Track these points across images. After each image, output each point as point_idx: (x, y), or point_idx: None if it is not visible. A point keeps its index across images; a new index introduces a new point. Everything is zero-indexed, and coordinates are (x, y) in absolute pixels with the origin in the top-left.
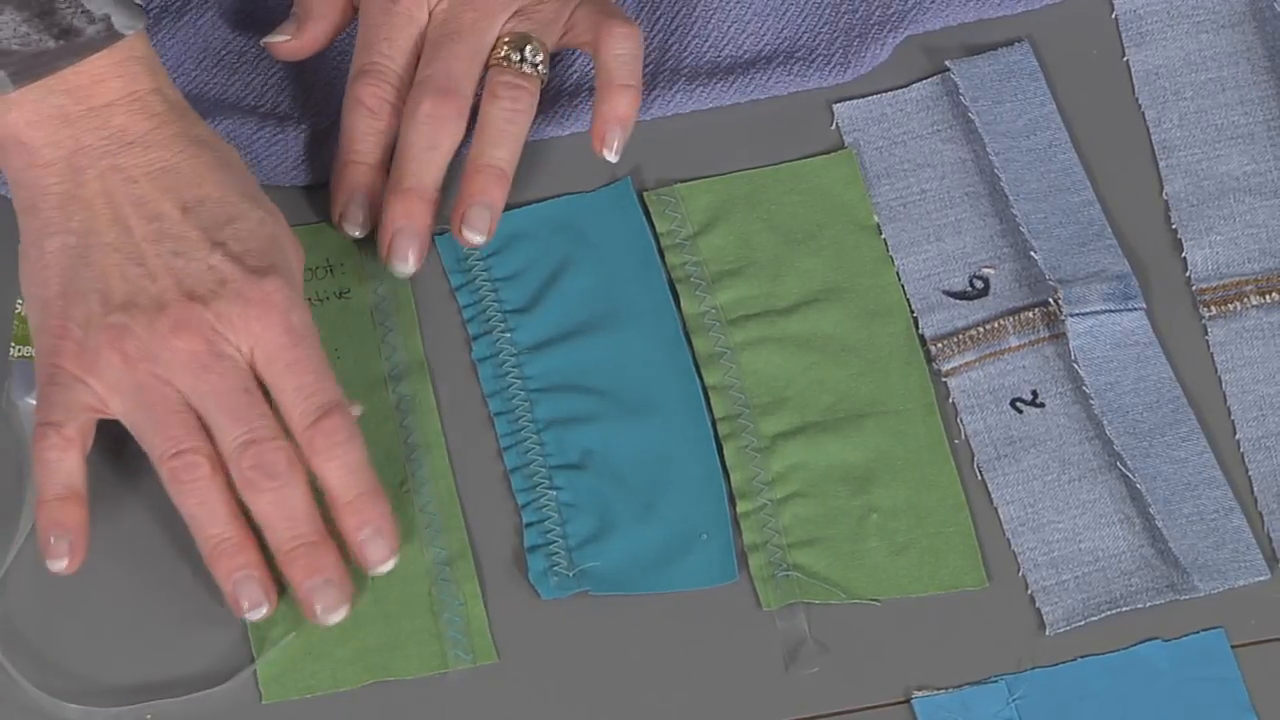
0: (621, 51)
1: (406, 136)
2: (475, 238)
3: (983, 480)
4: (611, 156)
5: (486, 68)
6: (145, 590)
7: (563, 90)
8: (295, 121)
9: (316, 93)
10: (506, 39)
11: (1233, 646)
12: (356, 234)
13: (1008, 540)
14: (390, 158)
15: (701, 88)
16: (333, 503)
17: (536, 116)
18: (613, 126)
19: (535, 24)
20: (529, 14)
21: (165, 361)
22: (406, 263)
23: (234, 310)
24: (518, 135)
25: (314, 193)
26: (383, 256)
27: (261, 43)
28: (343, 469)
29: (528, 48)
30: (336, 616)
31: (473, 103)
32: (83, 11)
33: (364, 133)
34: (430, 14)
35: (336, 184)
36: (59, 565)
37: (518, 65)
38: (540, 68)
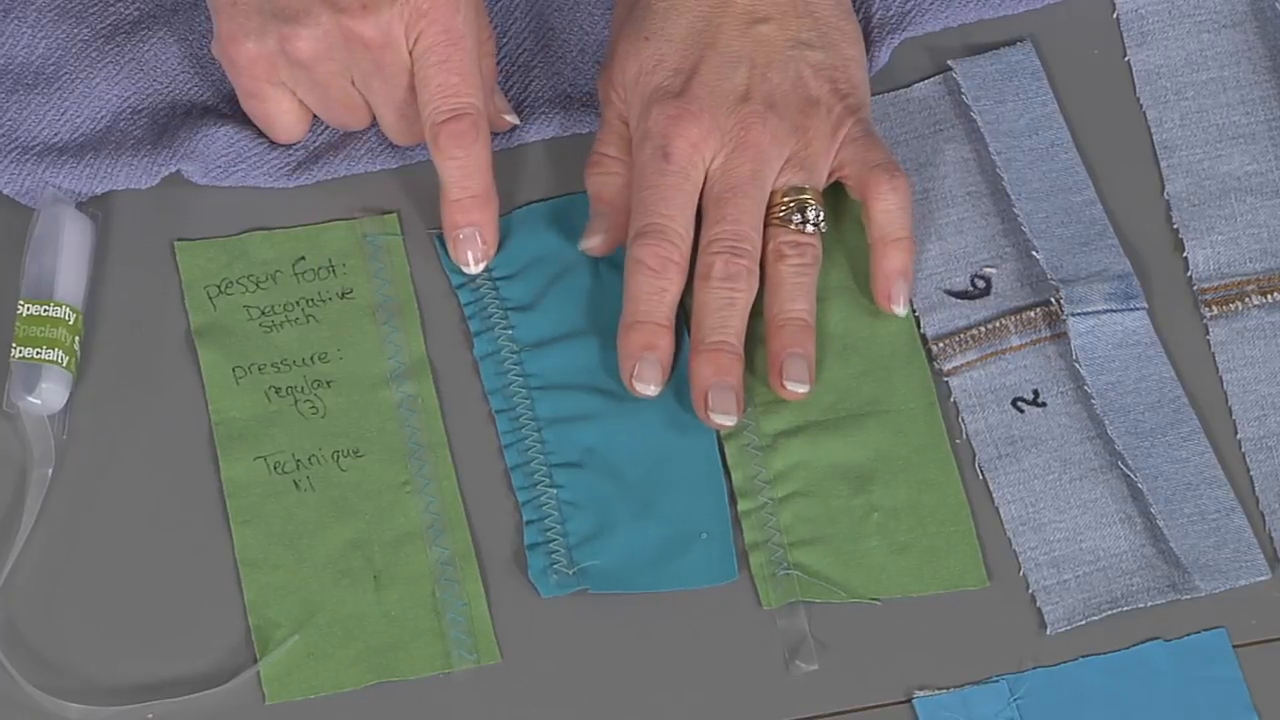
0: (889, 206)
1: (703, 298)
2: (799, 388)
3: (984, 480)
4: (900, 310)
5: (767, 223)
6: (147, 590)
7: (564, 91)
8: None
9: None
10: (785, 195)
11: (1234, 646)
12: (651, 393)
13: (1009, 540)
14: (674, 316)
15: None
16: (443, 198)
17: (537, 117)
18: (896, 281)
19: (807, 170)
20: (800, 161)
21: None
22: (730, 417)
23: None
24: (811, 287)
25: (315, 193)
26: (700, 414)
27: (581, 249)
28: (459, 169)
29: (809, 209)
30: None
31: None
32: None
33: (648, 292)
34: (706, 171)
35: (624, 345)
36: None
37: (800, 227)
38: (821, 226)
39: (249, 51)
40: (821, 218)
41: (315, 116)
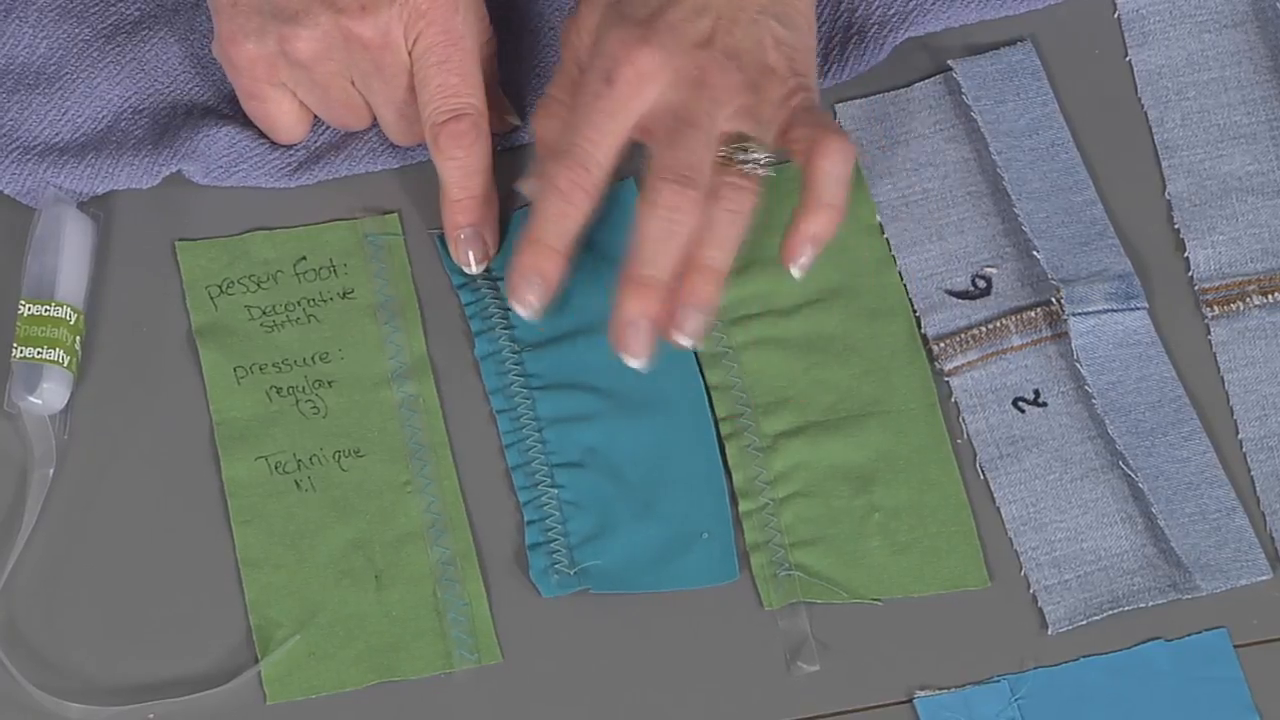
0: (833, 170)
1: (646, 226)
2: (684, 342)
3: (985, 480)
4: (797, 274)
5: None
6: (148, 590)
7: None
8: None
9: None
10: (731, 140)
11: (1235, 646)
12: (524, 314)
13: (1010, 539)
14: (572, 242)
15: None
16: (444, 198)
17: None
18: (805, 244)
19: (755, 123)
20: (751, 113)
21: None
22: (639, 360)
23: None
24: (737, 238)
25: (316, 193)
26: (615, 347)
27: (516, 186)
28: (460, 169)
29: (753, 148)
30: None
31: None
32: None
33: (551, 215)
34: (650, 106)
35: (516, 261)
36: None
37: (743, 165)
38: (766, 170)
39: (249, 52)
40: (766, 160)
41: (316, 117)
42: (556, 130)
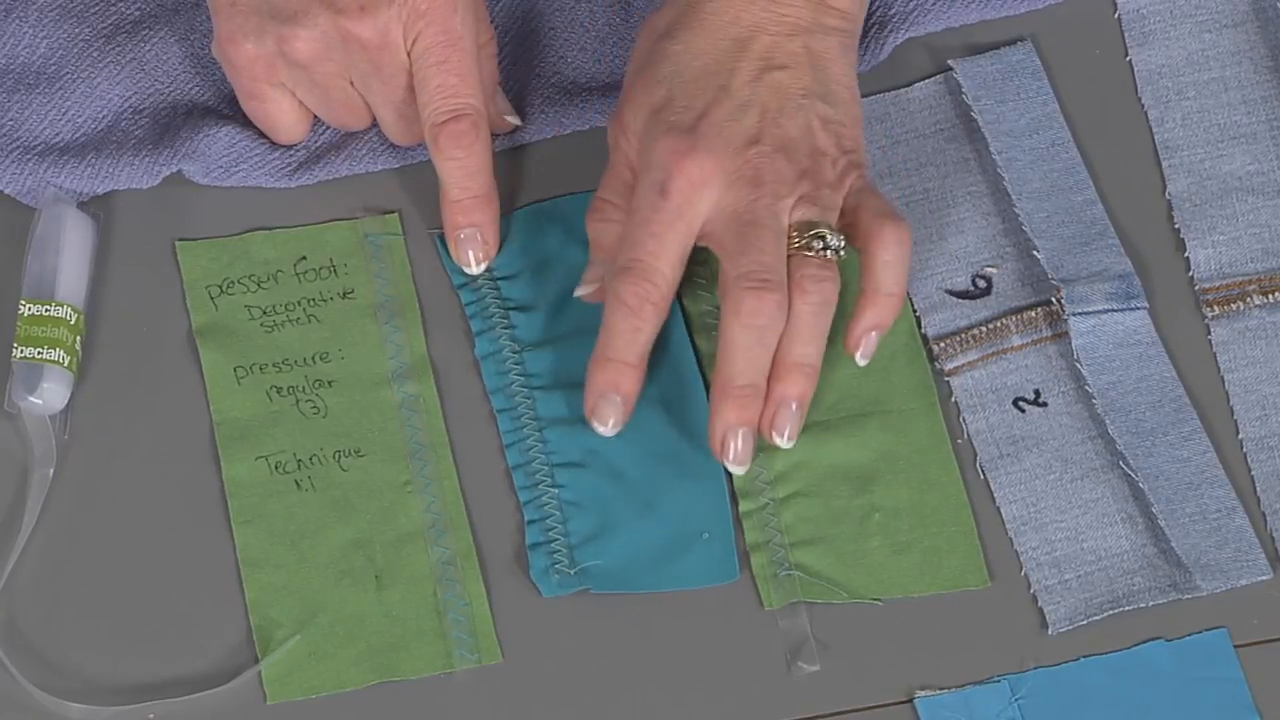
0: (890, 258)
1: (733, 337)
2: (783, 443)
3: (985, 479)
4: (863, 362)
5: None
6: (148, 590)
7: (563, 90)
8: None
9: None
10: (800, 229)
11: (1235, 646)
12: (606, 433)
13: (1010, 539)
14: (646, 356)
15: None
16: (444, 199)
17: (537, 117)
18: (870, 335)
19: (820, 208)
20: (812, 200)
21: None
22: (744, 466)
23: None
24: (826, 329)
25: (316, 193)
26: (716, 453)
27: (576, 295)
28: (460, 170)
29: (829, 234)
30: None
31: None
32: None
33: (622, 330)
34: (708, 213)
35: (591, 380)
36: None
37: (821, 253)
38: (842, 252)
39: (248, 52)
40: (842, 244)
41: (316, 117)
42: (612, 235)
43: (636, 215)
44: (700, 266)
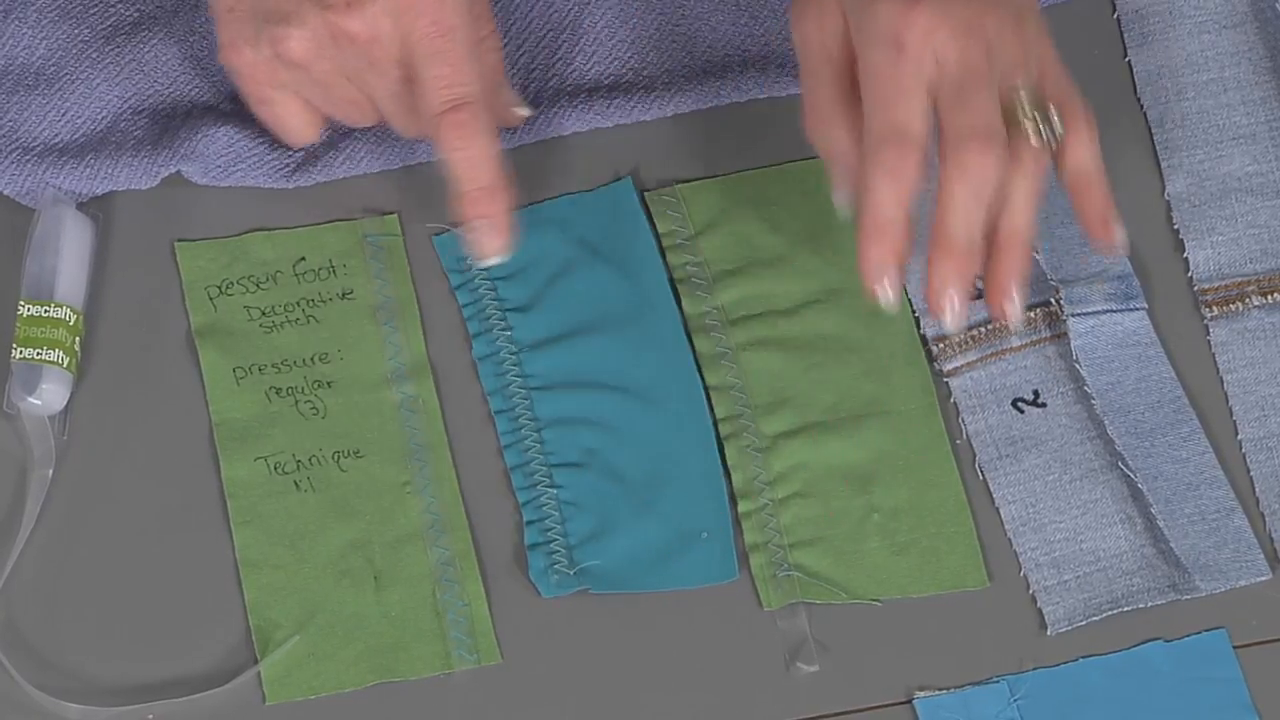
0: (1090, 157)
1: (955, 190)
2: (1016, 317)
3: (984, 480)
4: (1122, 252)
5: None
6: (147, 590)
7: (564, 89)
8: None
9: None
10: (1021, 95)
11: (1234, 647)
12: (890, 299)
13: (1009, 540)
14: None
15: (703, 87)
16: (454, 191)
17: (537, 117)
18: (1111, 220)
19: (1026, 74)
20: (1022, 64)
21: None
22: (957, 327)
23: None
24: (1039, 204)
25: (315, 194)
26: (932, 312)
27: (836, 205)
28: (466, 161)
29: (1054, 116)
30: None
31: None
32: None
33: (889, 201)
34: (934, 63)
35: (866, 253)
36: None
37: (1046, 136)
38: (1061, 136)
39: (247, 58)
40: (1063, 129)
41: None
42: (843, 138)
43: (876, 80)
44: (700, 266)
